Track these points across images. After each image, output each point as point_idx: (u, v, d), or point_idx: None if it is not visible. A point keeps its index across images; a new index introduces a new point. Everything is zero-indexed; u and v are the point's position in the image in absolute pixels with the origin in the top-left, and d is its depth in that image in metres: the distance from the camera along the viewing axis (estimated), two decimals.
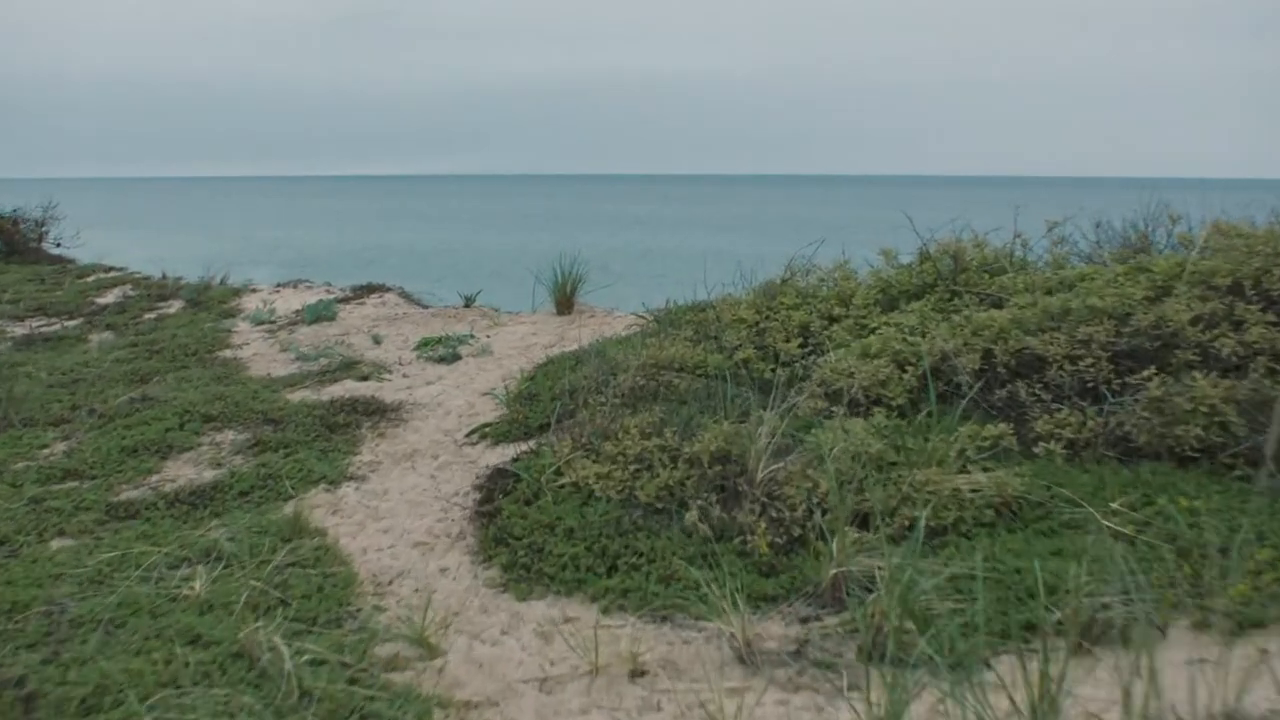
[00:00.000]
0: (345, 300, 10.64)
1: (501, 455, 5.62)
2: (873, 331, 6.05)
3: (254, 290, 11.84)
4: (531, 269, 9.69)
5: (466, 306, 10.10)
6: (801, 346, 6.27)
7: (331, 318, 9.71)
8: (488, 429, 6.09)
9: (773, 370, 6.10)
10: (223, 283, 12.49)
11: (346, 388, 7.22)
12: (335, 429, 6.32)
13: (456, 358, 7.75)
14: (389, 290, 11.03)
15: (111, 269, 14.58)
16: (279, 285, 12.03)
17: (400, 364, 7.84)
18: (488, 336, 8.56)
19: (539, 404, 6.16)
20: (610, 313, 9.12)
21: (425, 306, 10.55)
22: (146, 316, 11.01)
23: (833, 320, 6.53)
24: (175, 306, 11.40)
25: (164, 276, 13.20)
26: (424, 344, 8.30)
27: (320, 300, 10.01)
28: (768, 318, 6.74)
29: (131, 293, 12.44)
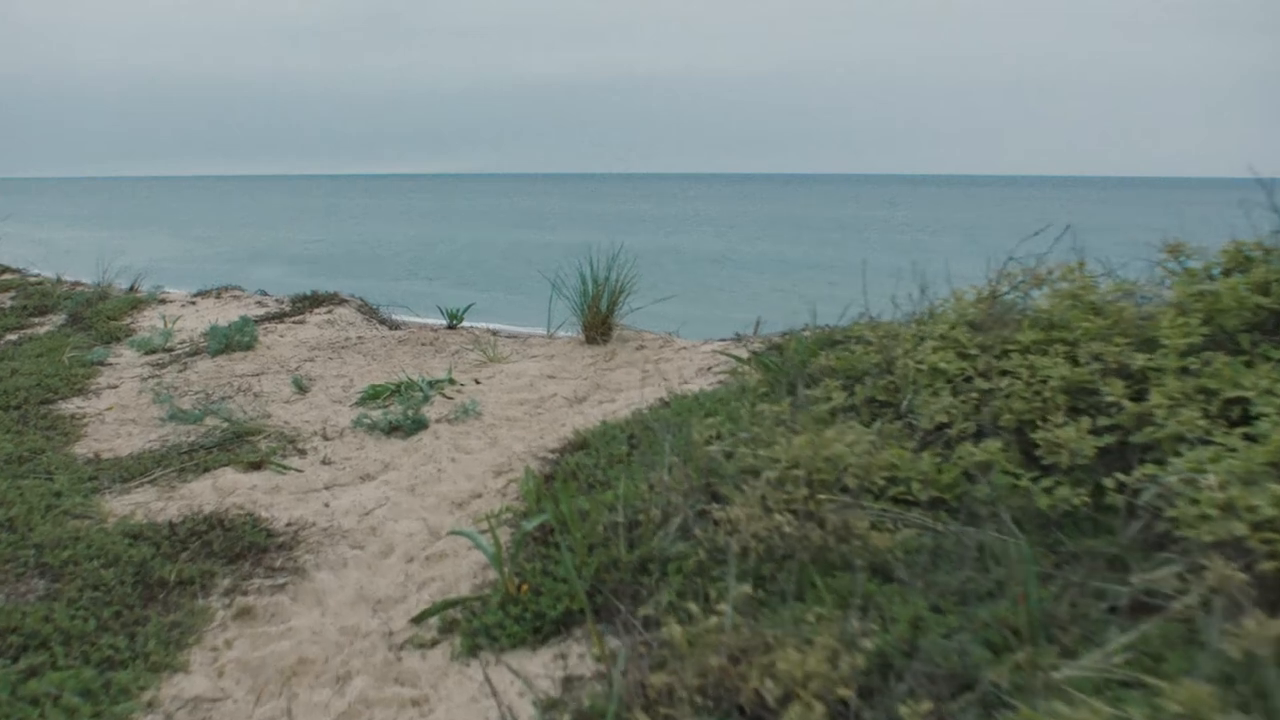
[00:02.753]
0: (279, 317, 7.58)
1: (476, 694, 2.56)
2: (1244, 411, 2.95)
3: (163, 300, 8.82)
4: (543, 269, 6.57)
5: (451, 328, 7.02)
6: (1093, 432, 3.17)
7: (248, 345, 6.67)
8: (457, 609, 3.01)
9: (1048, 490, 3.02)
10: (131, 289, 9.47)
11: (219, 486, 4.15)
12: (161, 594, 3.28)
13: (419, 425, 4.67)
14: (344, 302, 7.96)
15: (5, 270, 11.62)
16: (197, 294, 8.98)
17: (325, 434, 4.77)
18: (476, 382, 5.49)
19: (561, 554, 3.06)
20: (668, 342, 6.02)
21: (393, 326, 7.48)
22: (8, 338, 8.00)
23: (1124, 375, 3.43)
24: (53, 323, 8.39)
25: (58, 280, 10.20)
26: (370, 396, 5.24)
27: (235, 321, 6.95)
28: (991, 369, 3.66)
29: (9, 303, 9.45)
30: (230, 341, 6.65)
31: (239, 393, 5.66)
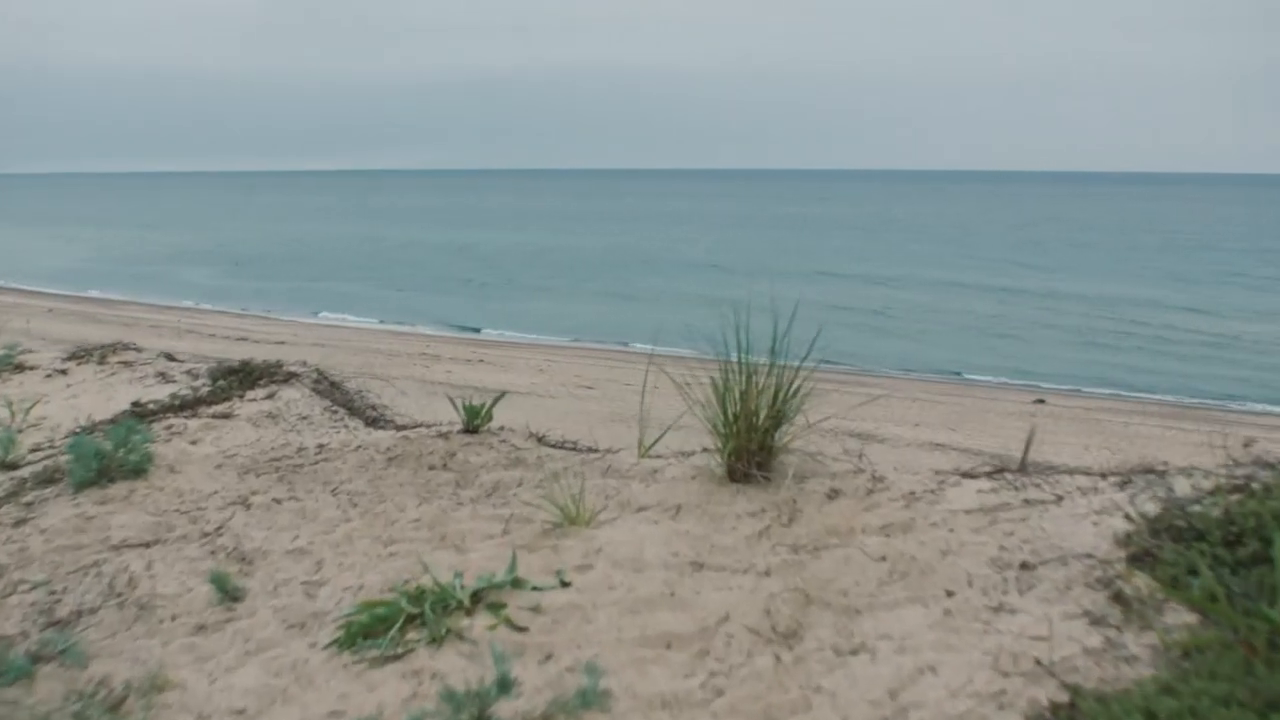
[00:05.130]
0: (192, 406, 4.97)
1: None
2: None
3: (20, 366, 6.10)
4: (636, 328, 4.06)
5: (471, 430, 4.46)
6: None
7: (137, 469, 4.09)
8: None
9: None
10: None
11: None
12: None
13: None
14: (293, 378, 5.35)
15: None
16: (71, 357, 6.25)
17: None
18: (563, 583, 2.99)
19: None
20: (878, 482, 3.55)
21: (370, 421, 4.89)
22: None
23: None
24: None
25: None
26: (364, 626, 2.71)
27: (119, 423, 4.35)
28: None
29: None
30: (108, 463, 4.05)
31: (110, 598, 3.09)
